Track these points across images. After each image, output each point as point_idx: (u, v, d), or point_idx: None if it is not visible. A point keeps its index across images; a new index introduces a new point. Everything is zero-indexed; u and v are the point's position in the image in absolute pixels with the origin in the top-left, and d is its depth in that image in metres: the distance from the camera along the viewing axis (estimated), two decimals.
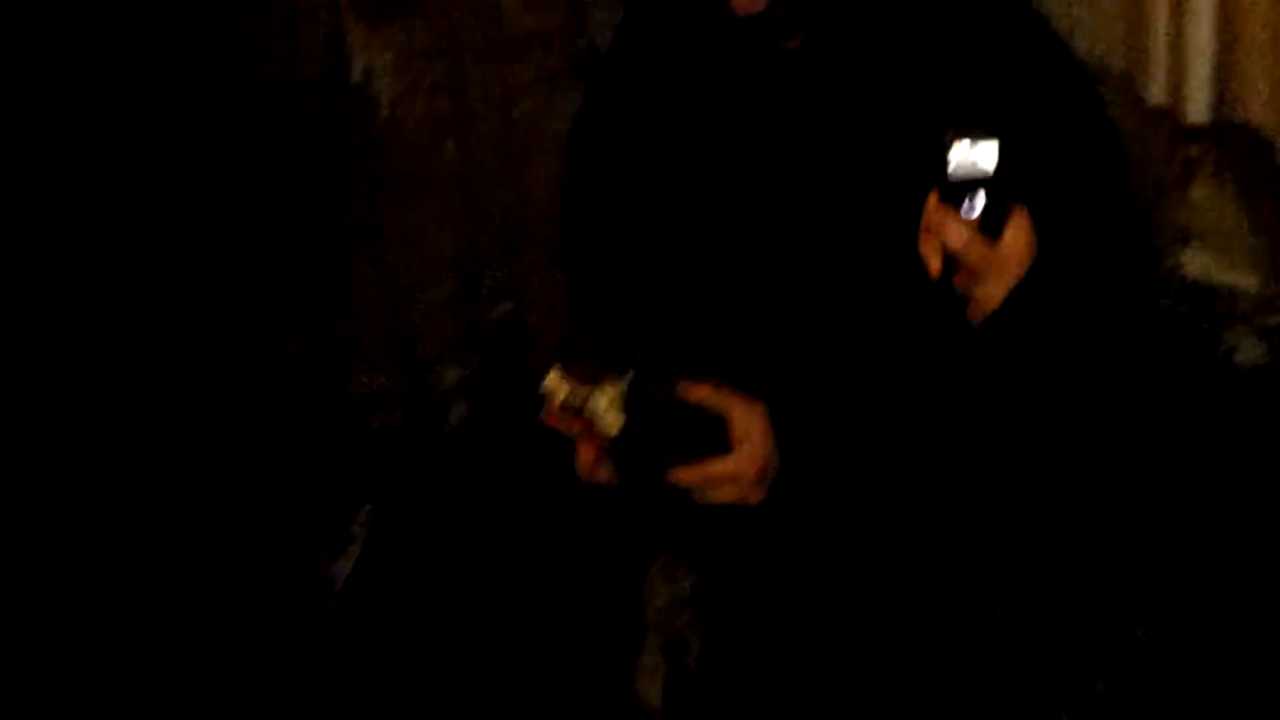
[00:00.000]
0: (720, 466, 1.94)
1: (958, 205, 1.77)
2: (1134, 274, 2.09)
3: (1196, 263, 2.35)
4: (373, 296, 2.66)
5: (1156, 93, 2.36)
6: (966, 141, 1.75)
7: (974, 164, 1.75)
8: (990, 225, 1.78)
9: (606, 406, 1.89)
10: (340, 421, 2.62)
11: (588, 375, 1.90)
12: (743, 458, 1.94)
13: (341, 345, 2.64)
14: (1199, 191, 2.34)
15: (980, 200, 1.76)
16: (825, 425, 1.99)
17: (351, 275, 2.66)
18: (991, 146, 1.75)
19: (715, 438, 1.93)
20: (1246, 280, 2.32)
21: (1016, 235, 1.80)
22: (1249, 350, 2.33)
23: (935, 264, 1.80)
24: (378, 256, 2.65)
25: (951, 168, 1.76)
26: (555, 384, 1.89)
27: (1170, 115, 2.36)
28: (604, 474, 1.99)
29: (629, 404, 1.90)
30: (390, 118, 2.47)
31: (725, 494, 1.95)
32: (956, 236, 1.78)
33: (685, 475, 1.93)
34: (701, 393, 1.95)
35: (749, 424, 1.94)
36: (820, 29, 2.03)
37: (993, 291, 1.82)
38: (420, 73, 2.45)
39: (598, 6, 2.49)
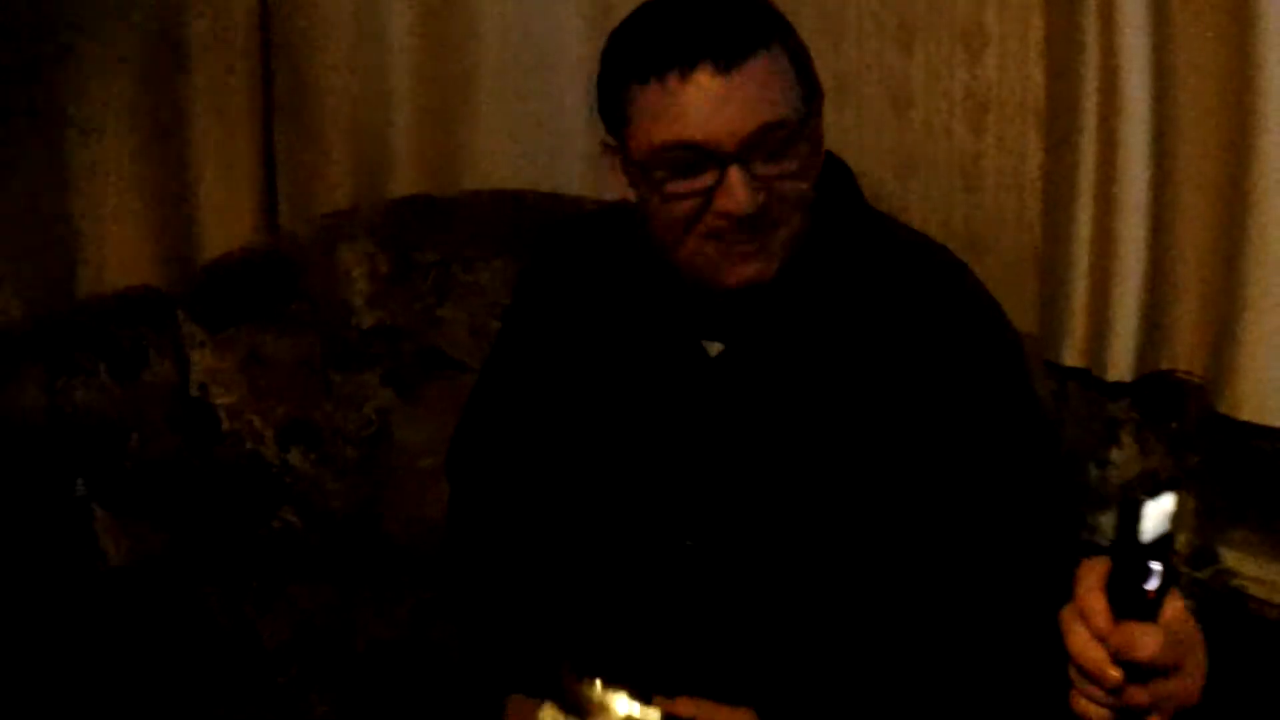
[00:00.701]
0: None
1: (1134, 591, 1.34)
2: None
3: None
4: None
5: (1073, 354, 2.27)
6: (1160, 500, 1.30)
7: (1162, 524, 1.31)
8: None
9: None
10: None
11: (579, 706, 1.87)
12: None
13: None
14: (1119, 452, 2.22)
15: (1156, 574, 1.32)
16: None
17: None
18: (1170, 499, 1.31)
19: None
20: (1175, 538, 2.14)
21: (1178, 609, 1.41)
22: None
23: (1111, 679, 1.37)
24: None
25: (1146, 533, 1.31)
26: (552, 717, 1.88)
27: (1089, 375, 2.25)
28: None
29: None
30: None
31: None
32: (1153, 641, 1.33)
33: None
34: (689, 709, 1.86)
35: None
36: (744, 335, 1.95)
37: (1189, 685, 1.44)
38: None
39: (449, 303, 2.49)
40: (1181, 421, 2.17)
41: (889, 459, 1.84)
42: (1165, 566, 1.32)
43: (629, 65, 1.78)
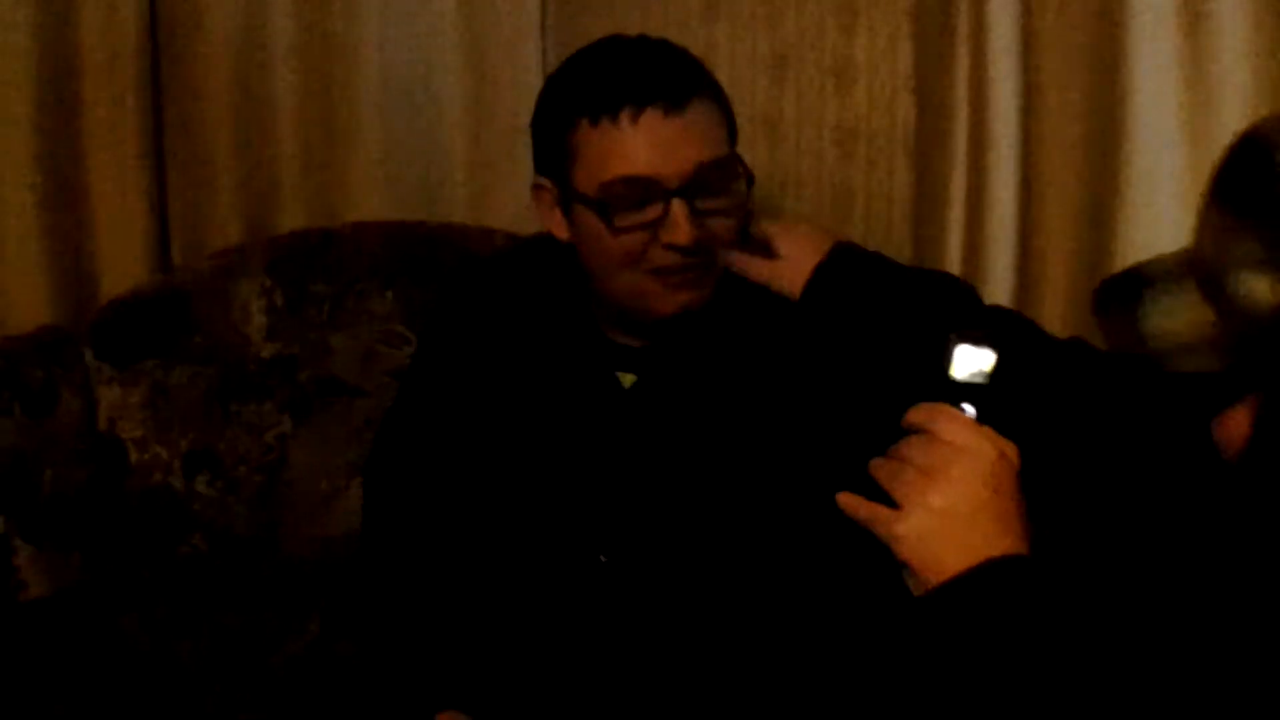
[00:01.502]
0: None
1: None
2: None
3: None
4: None
5: None
6: (969, 345, 1.54)
7: (977, 369, 1.54)
8: None
9: None
10: None
11: None
12: None
13: None
14: None
15: (970, 412, 1.54)
16: None
17: None
18: (990, 356, 1.54)
19: None
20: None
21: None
22: None
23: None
24: None
25: (954, 369, 1.54)
26: None
27: None
28: None
29: None
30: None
31: None
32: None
33: None
34: None
35: None
36: (657, 367, 2.06)
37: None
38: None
39: (342, 333, 2.58)
40: None
41: (789, 476, 1.97)
42: (978, 412, 1.51)
43: (577, 105, 1.90)
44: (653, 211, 1.89)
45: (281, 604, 2.54)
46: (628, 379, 2.06)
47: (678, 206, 1.87)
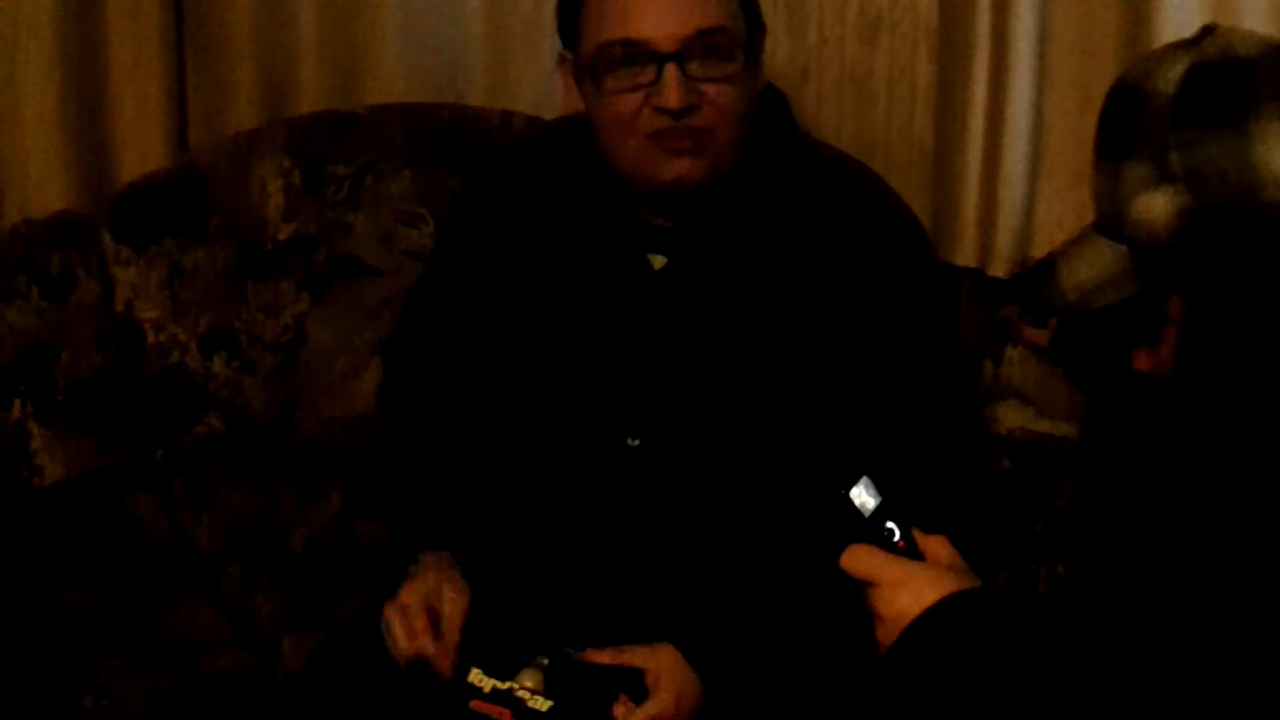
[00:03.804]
0: (643, 713, 1.94)
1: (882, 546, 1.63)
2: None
3: (1014, 416, 2.32)
4: None
5: (965, 255, 2.41)
6: (860, 486, 1.61)
7: (868, 500, 1.61)
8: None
9: (532, 692, 1.95)
10: None
11: (504, 665, 1.98)
12: (662, 700, 1.95)
13: None
14: (1012, 349, 2.34)
15: (894, 530, 1.62)
16: (730, 652, 2.00)
17: None
18: (866, 481, 1.62)
19: (634, 689, 1.97)
20: (1065, 429, 2.28)
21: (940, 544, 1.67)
22: (1069, 496, 2.26)
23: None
24: None
25: (863, 511, 1.61)
26: (479, 678, 1.96)
27: (980, 275, 2.39)
28: None
29: (551, 684, 1.96)
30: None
31: None
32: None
33: None
34: (606, 656, 1.98)
35: (658, 667, 1.96)
36: (686, 250, 2.08)
37: None
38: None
39: (361, 213, 2.57)
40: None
41: (815, 362, 2.01)
42: (897, 520, 1.61)
43: None
44: (645, 75, 1.93)
45: (299, 484, 2.54)
46: (658, 261, 2.08)
47: (669, 70, 1.91)
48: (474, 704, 1.96)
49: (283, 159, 2.54)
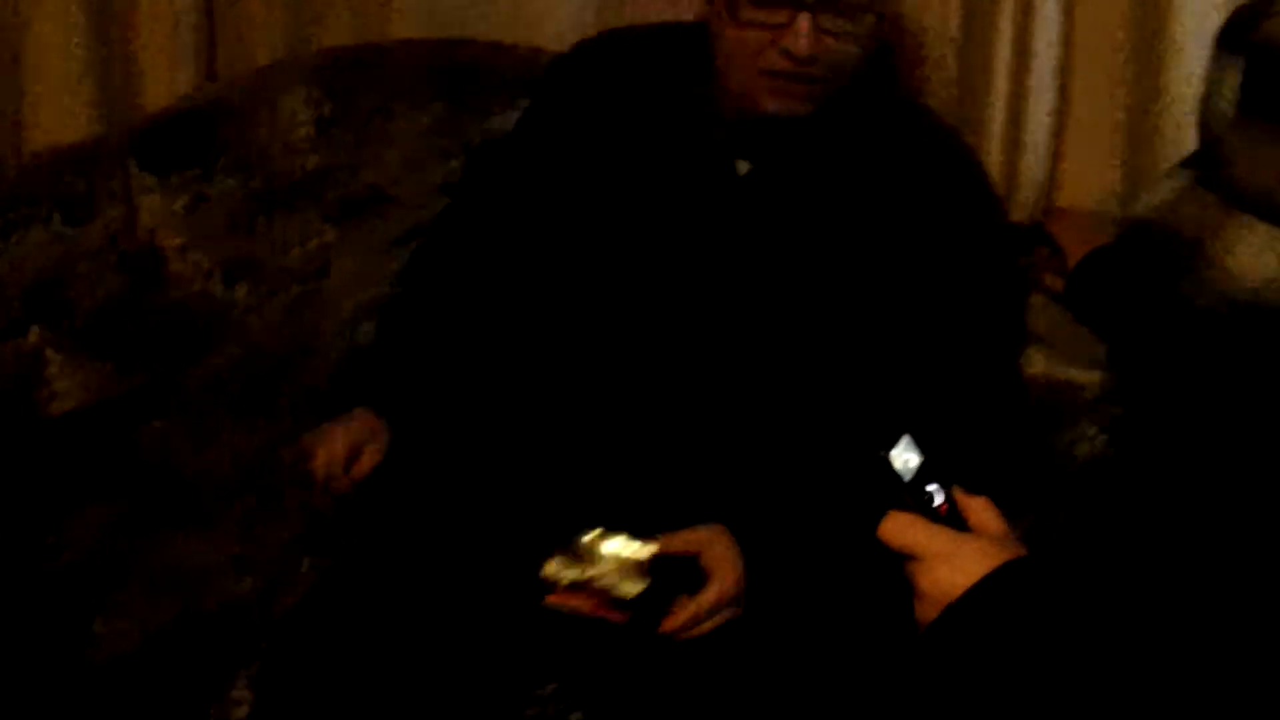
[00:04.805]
0: (709, 596, 1.95)
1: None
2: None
3: (1038, 362, 2.32)
4: None
5: None
6: (900, 446, 1.50)
7: (913, 465, 1.49)
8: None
9: (619, 578, 1.94)
10: None
11: (580, 554, 1.95)
12: (725, 580, 1.96)
13: None
14: (1037, 295, 2.34)
15: (937, 491, 1.50)
16: (779, 530, 2.01)
17: None
18: (908, 440, 1.50)
19: (695, 573, 1.97)
20: (1087, 376, 2.28)
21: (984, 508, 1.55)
22: (1090, 443, 2.25)
23: None
24: None
25: (904, 474, 1.49)
26: (557, 569, 1.95)
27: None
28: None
29: (629, 570, 1.94)
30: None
31: (719, 619, 1.97)
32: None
33: (685, 616, 1.95)
34: (674, 542, 1.97)
35: (715, 548, 1.98)
36: (772, 160, 2.13)
37: None
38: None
39: (388, 145, 2.57)
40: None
41: (878, 291, 2.07)
42: (940, 480, 1.49)
43: None
44: (779, 16, 1.98)
45: (315, 417, 2.53)
46: (743, 167, 2.13)
47: (803, 18, 1.97)
48: (551, 599, 1.94)
49: (310, 89, 2.53)
